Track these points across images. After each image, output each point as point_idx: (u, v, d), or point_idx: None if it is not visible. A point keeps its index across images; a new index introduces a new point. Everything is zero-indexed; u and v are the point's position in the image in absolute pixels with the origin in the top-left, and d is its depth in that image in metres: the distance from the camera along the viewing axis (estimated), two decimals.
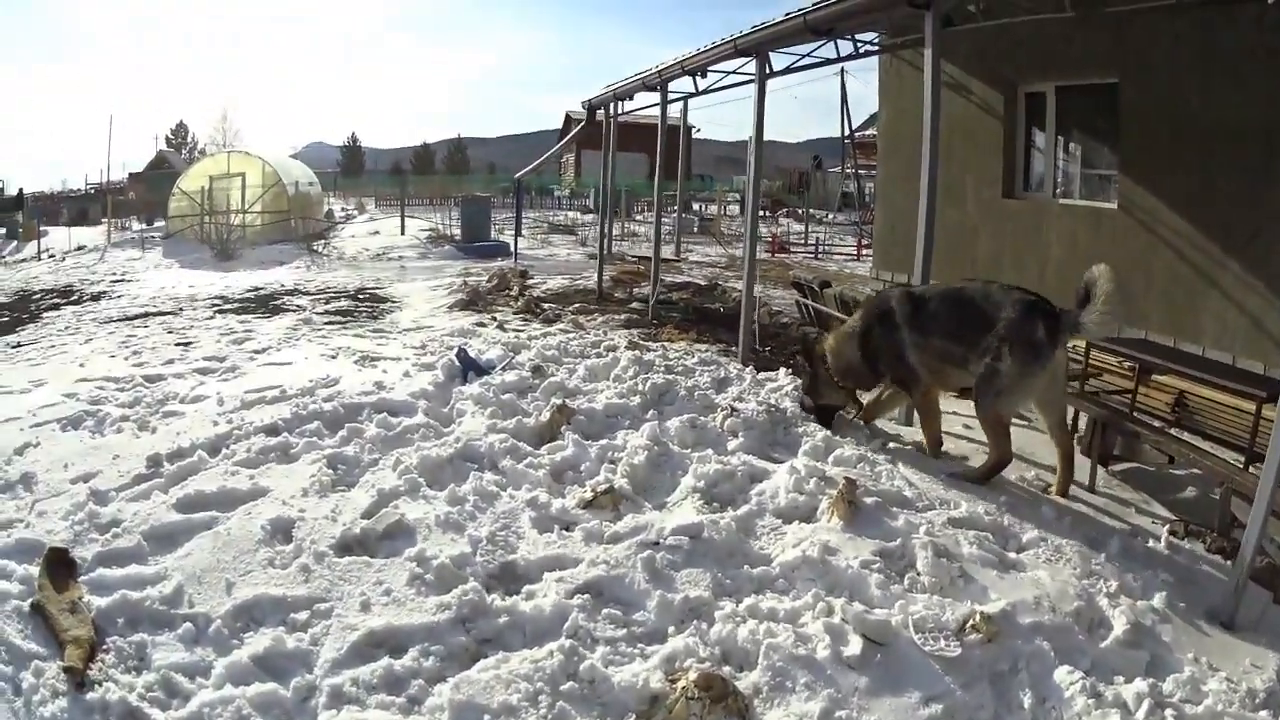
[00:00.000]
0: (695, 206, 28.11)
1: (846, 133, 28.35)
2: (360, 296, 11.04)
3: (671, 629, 2.75)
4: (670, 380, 4.89)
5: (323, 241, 19.14)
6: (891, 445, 4.54)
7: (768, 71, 6.88)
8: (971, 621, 2.73)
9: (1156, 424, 4.99)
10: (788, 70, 7.26)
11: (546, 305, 9.94)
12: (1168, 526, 3.80)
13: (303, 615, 2.82)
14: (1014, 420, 4.37)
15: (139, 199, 27.48)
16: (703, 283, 12.29)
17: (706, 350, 7.30)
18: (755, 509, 3.50)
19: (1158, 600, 3.04)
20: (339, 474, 3.85)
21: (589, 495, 3.58)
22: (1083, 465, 4.41)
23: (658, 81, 8.89)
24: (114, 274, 14.70)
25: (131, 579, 2.99)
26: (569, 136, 14.88)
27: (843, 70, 33.06)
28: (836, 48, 6.36)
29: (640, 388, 4.78)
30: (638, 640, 2.72)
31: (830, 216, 26.19)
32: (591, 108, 11.72)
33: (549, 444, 4.22)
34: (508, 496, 3.66)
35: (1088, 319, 3.79)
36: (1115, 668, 2.67)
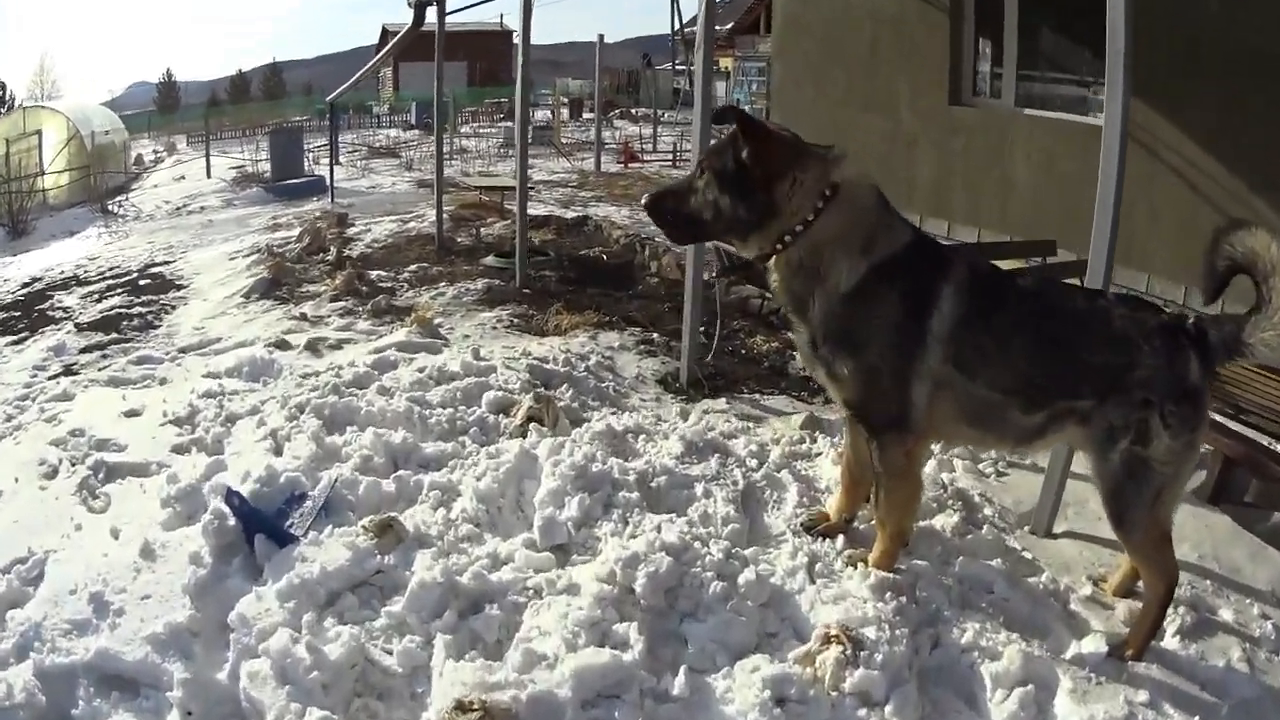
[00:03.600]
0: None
1: (676, 28, 26.22)
2: (141, 284, 8.63)
3: None
4: (679, 551, 2.39)
5: (122, 196, 16.53)
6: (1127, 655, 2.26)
7: None
8: None
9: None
10: None
11: (374, 275, 7.50)
12: None
13: None
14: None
15: None
16: (567, 215, 10.04)
17: (620, 343, 5.06)
18: None
19: None
20: None
21: None
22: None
23: None
24: None
25: None
26: (392, 43, 12.09)
27: None
28: None
29: (625, 578, 2.30)
30: None
31: (666, 115, 24.56)
32: (420, 4, 9.10)
33: None
34: None
35: (1258, 338, 2.09)
36: None
